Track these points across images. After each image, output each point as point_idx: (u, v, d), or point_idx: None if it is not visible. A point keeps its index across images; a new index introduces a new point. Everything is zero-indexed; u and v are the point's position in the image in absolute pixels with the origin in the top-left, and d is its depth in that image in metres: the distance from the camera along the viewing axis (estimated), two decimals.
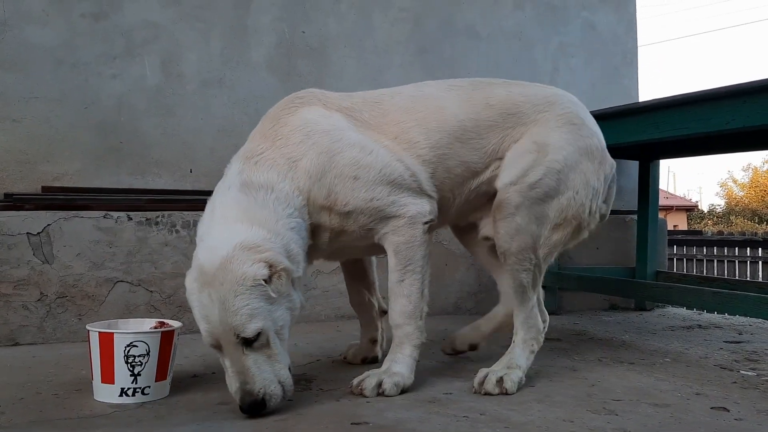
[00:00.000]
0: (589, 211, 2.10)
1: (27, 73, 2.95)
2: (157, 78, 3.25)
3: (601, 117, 3.31)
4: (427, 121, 2.01)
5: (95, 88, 3.09)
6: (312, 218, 1.92)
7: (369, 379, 1.91)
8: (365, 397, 1.87)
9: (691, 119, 2.84)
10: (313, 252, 2.00)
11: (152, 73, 3.24)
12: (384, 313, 2.32)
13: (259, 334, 1.71)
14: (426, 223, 1.97)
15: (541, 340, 2.13)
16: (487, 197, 2.12)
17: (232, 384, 1.72)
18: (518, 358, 2.06)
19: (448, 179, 2.04)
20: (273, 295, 1.74)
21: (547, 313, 2.22)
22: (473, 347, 2.37)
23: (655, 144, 3.49)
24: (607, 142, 3.32)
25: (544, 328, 2.15)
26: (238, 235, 1.76)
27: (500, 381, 1.96)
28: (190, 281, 1.78)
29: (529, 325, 2.09)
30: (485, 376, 1.98)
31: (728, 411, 1.84)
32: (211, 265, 1.72)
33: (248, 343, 1.71)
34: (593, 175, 2.09)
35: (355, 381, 1.92)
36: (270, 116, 2.05)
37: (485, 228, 2.18)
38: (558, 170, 2.02)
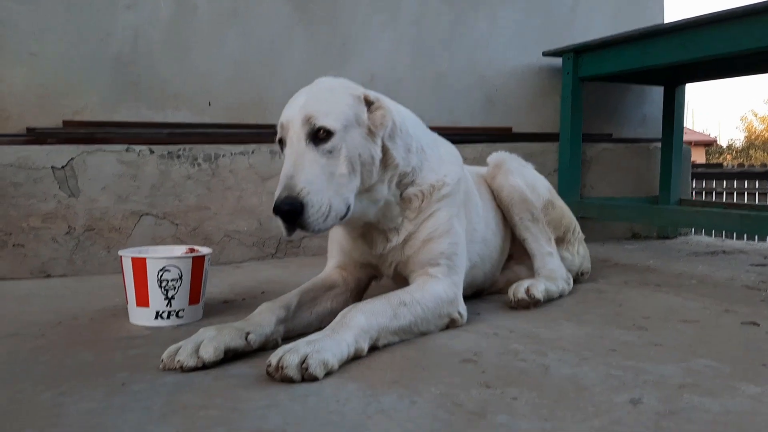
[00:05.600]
0: None
1: (38, 4, 2.89)
2: (170, 9, 3.18)
3: (625, 40, 3.24)
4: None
5: (109, 19, 3.04)
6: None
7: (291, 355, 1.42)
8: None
9: (720, 39, 2.75)
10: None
11: (166, 4, 3.18)
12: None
13: (329, 136, 1.61)
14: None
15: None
16: None
17: (279, 182, 1.57)
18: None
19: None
20: (363, 117, 1.70)
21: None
22: None
23: (682, 67, 3.40)
24: (631, 67, 3.26)
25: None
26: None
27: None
28: None
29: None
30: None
31: (758, 325, 1.84)
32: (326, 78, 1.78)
33: (315, 138, 1.61)
34: None
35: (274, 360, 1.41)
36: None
37: None
38: None
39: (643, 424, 1.14)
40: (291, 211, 1.52)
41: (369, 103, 1.74)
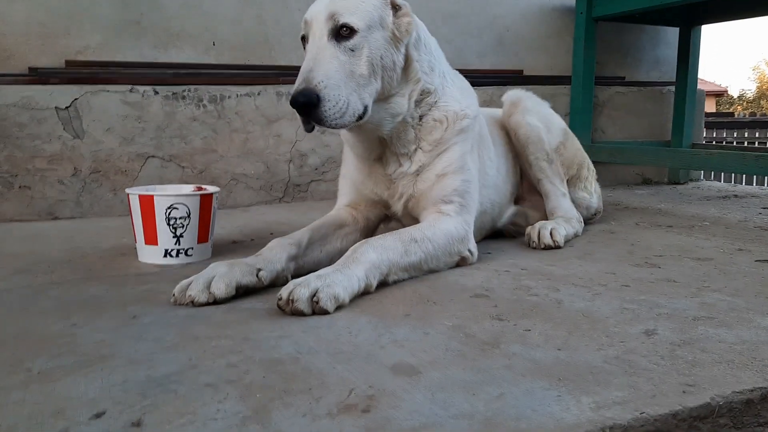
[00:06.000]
0: None
1: None
2: None
3: None
4: None
5: None
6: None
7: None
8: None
9: None
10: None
11: None
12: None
13: (352, 34, 1.61)
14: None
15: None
16: None
17: (299, 76, 1.55)
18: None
19: None
20: (389, 21, 1.68)
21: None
22: None
23: (700, 5, 3.29)
24: (647, 5, 3.16)
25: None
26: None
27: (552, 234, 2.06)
28: None
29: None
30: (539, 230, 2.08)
31: None
32: None
33: (338, 35, 1.61)
34: None
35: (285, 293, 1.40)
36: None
37: None
38: None
39: (657, 353, 1.13)
40: (307, 103, 1.51)
41: (396, 9, 1.71)
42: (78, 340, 1.22)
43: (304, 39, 1.69)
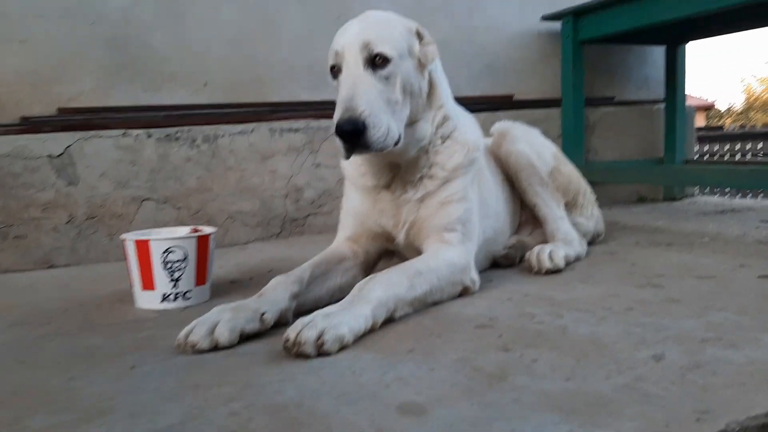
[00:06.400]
0: None
1: None
2: None
3: None
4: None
5: (99, 1, 2.97)
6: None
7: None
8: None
9: None
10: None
11: None
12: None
13: (386, 63, 1.66)
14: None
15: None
16: None
17: (338, 105, 1.60)
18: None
19: None
20: (415, 49, 1.75)
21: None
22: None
23: (685, 23, 3.32)
24: (632, 26, 3.20)
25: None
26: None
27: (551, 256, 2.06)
28: None
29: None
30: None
31: None
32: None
33: (372, 63, 1.65)
34: None
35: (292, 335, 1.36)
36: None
37: None
38: None
39: (668, 379, 1.11)
40: (354, 131, 1.55)
41: (420, 37, 1.78)
42: (77, 394, 1.19)
43: (333, 69, 1.73)
